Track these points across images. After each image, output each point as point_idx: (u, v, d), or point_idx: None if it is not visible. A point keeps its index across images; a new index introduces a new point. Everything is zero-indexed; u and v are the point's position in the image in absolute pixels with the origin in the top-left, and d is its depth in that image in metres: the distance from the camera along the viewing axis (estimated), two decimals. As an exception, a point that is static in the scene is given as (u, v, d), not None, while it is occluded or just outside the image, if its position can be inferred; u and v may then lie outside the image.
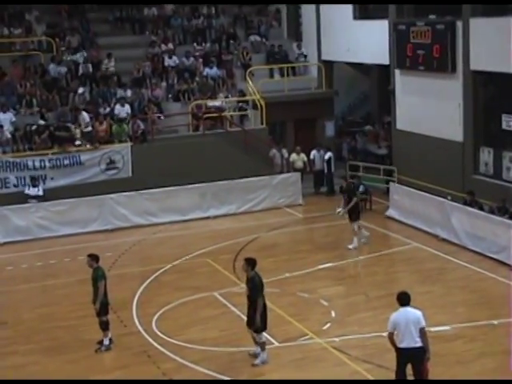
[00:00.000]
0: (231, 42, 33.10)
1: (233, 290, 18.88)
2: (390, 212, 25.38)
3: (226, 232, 24.50)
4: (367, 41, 29.22)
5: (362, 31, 29.66)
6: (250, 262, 15.12)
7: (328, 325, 16.92)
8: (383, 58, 28.52)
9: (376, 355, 15.05)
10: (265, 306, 15.02)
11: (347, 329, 16.67)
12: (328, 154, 29.05)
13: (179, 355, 15.64)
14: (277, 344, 15.98)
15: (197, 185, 26.01)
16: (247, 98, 29.89)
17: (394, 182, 26.83)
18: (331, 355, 15.46)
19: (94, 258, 16.08)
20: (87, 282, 16.19)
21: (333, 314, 17.53)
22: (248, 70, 31.04)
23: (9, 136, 26.43)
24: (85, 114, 27.19)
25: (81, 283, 18.45)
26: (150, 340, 16.48)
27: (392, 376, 13.12)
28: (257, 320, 14.86)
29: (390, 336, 12.86)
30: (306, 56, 33.00)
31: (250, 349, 15.37)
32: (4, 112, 26.97)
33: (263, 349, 15.17)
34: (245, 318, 15.37)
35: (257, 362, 15.14)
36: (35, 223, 24.65)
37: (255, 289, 14.90)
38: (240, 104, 29.78)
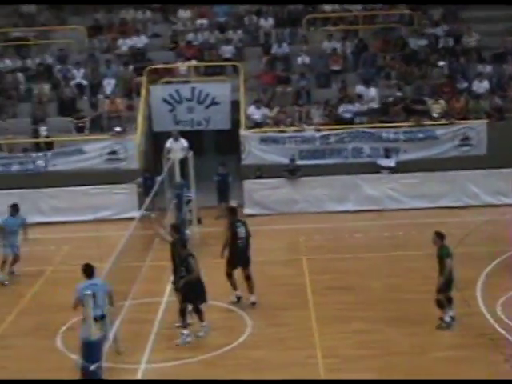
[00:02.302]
0: None
1: None
2: None
3: None
4: None
5: None
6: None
7: None
8: None
9: None
10: None
11: None
12: None
13: (523, 343, 15.07)
14: None
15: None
16: None
17: None
18: None
19: (440, 236, 15.95)
20: (435, 257, 16.08)
21: None
22: None
23: (370, 106, 27.05)
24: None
25: (429, 258, 18.25)
26: (494, 323, 16.05)
27: None
28: None
29: None
30: None
31: None
32: (365, 85, 27.65)
33: None
34: None
35: None
36: (385, 194, 25.07)
37: None
38: None
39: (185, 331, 15.68)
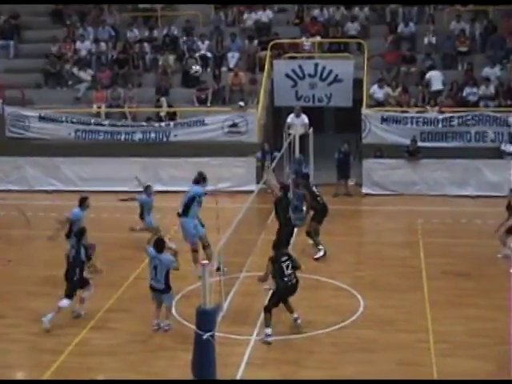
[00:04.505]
0: None
1: None
2: None
3: None
4: None
5: None
6: None
7: None
8: None
9: None
10: None
11: None
12: None
13: None
14: None
15: None
16: None
17: None
18: None
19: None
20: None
21: None
22: None
23: (492, 91, 26.40)
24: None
25: None
26: None
27: None
28: None
29: None
30: None
31: None
32: (491, 67, 26.99)
33: None
34: None
35: None
36: (508, 180, 24.35)
37: None
38: None
39: (269, 330, 14.66)
